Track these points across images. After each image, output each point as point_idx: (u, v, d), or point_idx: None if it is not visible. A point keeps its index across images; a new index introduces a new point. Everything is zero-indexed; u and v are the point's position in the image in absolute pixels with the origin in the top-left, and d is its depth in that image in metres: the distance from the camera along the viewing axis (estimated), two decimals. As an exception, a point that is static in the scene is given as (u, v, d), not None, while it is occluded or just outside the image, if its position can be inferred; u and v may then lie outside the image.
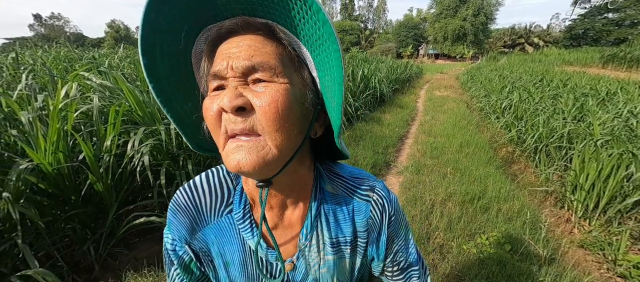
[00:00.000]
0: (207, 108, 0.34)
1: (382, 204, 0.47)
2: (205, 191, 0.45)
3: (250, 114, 0.32)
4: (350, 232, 0.47)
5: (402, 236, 0.51)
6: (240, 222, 0.44)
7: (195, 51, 0.38)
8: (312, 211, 0.44)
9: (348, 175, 0.48)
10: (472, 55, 34.27)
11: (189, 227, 0.44)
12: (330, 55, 0.33)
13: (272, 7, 0.34)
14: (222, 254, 0.45)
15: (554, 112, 4.06)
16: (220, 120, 0.33)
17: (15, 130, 1.73)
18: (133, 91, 2.17)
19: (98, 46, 31.16)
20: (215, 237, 0.45)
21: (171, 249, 0.45)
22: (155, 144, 2.03)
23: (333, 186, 0.47)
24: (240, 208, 0.44)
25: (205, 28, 0.36)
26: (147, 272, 1.56)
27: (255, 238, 0.43)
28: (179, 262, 0.45)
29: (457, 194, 2.40)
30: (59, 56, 5.27)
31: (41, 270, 1.38)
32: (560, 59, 19.77)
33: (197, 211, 0.45)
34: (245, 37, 0.34)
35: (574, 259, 1.85)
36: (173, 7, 0.32)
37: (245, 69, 0.33)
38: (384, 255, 0.50)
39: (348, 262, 0.48)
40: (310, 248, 0.45)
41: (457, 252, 1.71)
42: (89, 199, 1.84)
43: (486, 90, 7.25)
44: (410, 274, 0.51)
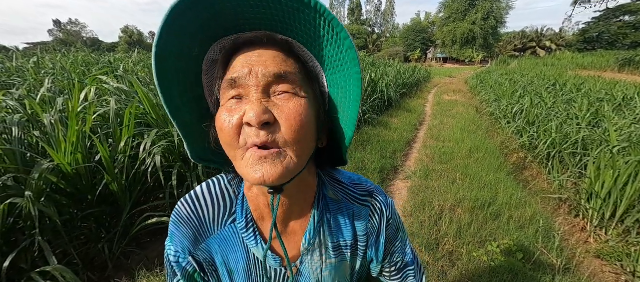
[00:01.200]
0: (223, 120, 0.34)
1: (380, 209, 0.49)
2: (208, 201, 0.45)
3: (274, 128, 0.33)
4: (351, 236, 0.48)
5: (399, 238, 0.53)
6: (244, 231, 0.44)
7: (208, 59, 0.38)
8: (315, 217, 0.45)
9: (348, 181, 0.50)
10: (481, 59, 33.77)
11: (193, 238, 0.44)
12: (350, 77, 0.34)
13: (296, 27, 0.34)
14: (226, 263, 0.46)
15: (567, 117, 3.95)
16: (239, 133, 0.33)
17: (38, 132, 1.81)
18: (147, 94, 2.24)
19: (113, 50, 32.20)
20: (219, 247, 0.45)
21: (174, 261, 0.45)
22: (168, 146, 2.09)
23: (334, 192, 0.48)
24: (243, 217, 0.44)
25: (224, 38, 0.36)
26: (159, 272, 1.59)
27: (259, 246, 0.44)
28: (182, 274, 0.45)
29: (467, 200, 2.36)
30: (77, 60, 5.49)
31: (59, 267, 1.43)
32: (574, 63, 19.26)
33: (200, 222, 0.45)
34: (267, 51, 0.35)
35: (590, 269, 1.79)
36: (196, 15, 0.31)
37: (272, 77, 0.33)
38: (383, 257, 0.52)
39: (348, 265, 0.50)
40: (313, 253, 0.46)
41: (467, 260, 1.68)
42: (104, 199, 1.90)
43: (496, 94, 7.13)
44: (407, 273, 0.54)
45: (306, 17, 0.32)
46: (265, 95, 0.33)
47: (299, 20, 0.33)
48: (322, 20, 0.31)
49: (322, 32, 0.33)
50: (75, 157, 1.69)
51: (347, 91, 0.36)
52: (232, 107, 0.34)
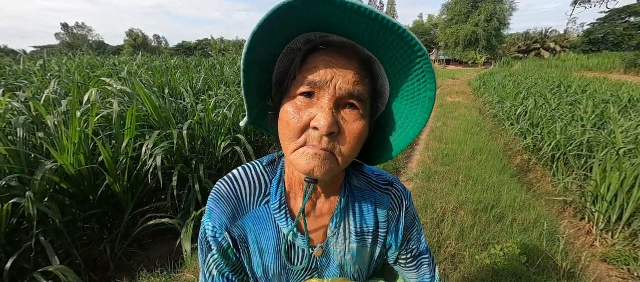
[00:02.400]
0: (291, 114, 0.37)
1: (400, 197, 0.54)
2: (245, 182, 0.49)
3: (336, 137, 0.37)
4: (373, 223, 0.52)
5: (415, 227, 0.57)
6: (277, 212, 0.48)
7: (290, 47, 0.40)
8: (342, 203, 0.49)
9: (370, 172, 0.54)
10: (484, 61, 33.58)
11: (231, 215, 0.48)
12: (417, 113, 0.39)
13: (385, 52, 0.37)
14: (258, 241, 0.49)
15: (572, 119, 3.91)
16: (302, 131, 0.36)
17: (42, 133, 1.84)
18: (150, 97, 2.26)
19: (118, 54, 32.62)
20: (253, 225, 0.48)
21: (211, 235, 0.48)
22: (169, 147, 2.10)
23: (358, 181, 0.52)
24: (277, 199, 0.48)
25: (311, 32, 0.38)
26: (159, 273, 1.59)
27: (289, 227, 0.47)
28: (217, 248, 0.48)
29: (470, 203, 2.33)
30: (82, 63, 5.56)
31: (61, 267, 1.44)
32: (579, 64, 19.06)
33: (238, 200, 0.48)
34: (349, 62, 0.37)
35: (596, 273, 1.75)
36: (296, 15, 0.33)
37: (347, 94, 0.36)
38: (401, 243, 0.55)
39: (369, 252, 0.54)
40: (338, 236, 0.50)
41: (470, 263, 1.66)
42: (106, 200, 1.91)
43: (500, 96, 7.07)
44: (421, 261, 0.57)
45: (401, 52, 0.35)
46: (335, 106, 0.36)
47: (392, 49, 0.35)
48: (416, 57, 0.34)
49: (412, 67, 0.36)
50: (77, 159, 1.70)
51: (406, 120, 0.41)
52: (301, 105, 0.37)
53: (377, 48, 0.37)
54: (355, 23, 0.33)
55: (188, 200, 2.15)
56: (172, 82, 3.63)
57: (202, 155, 2.41)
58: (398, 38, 0.33)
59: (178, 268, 1.67)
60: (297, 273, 0.51)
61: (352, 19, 0.32)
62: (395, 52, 0.35)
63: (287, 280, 0.51)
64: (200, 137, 2.43)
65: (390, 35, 0.33)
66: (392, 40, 0.34)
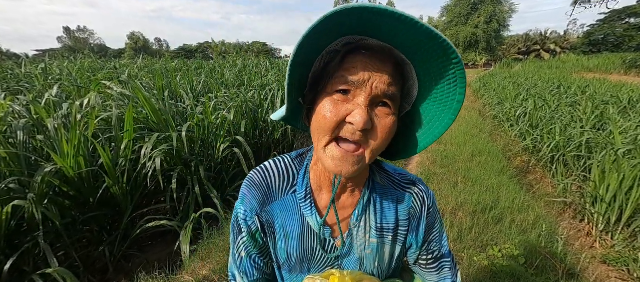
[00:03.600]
0: (328, 110, 0.40)
1: (422, 197, 0.55)
2: (275, 173, 0.53)
3: (369, 133, 0.40)
4: (393, 220, 0.53)
5: (438, 228, 0.57)
6: (302, 201, 0.51)
7: (330, 49, 0.42)
8: (365, 197, 0.51)
9: (393, 171, 0.57)
10: (484, 62, 33.63)
11: (261, 201, 0.51)
12: (442, 117, 0.42)
13: (420, 57, 0.39)
14: (284, 227, 0.52)
15: (571, 120, 3.91)
16: (338, 124, 0.39)
17: (42, 136, 1.85)
18: (149, 99, 2.27)
19: (119, 57, 32.76)
20: (280, 211, 0.52)
21: (242, 218, 0.52)
22: (169, 149, 2.11)
23: (381, 178, 0.55)
24: (303, 189, 0.51)
25: (350, 35, 0.40)
26: (158, 274, 1.60)
27: (314, 216, 0.50)
28: (247, 231, 0.52)
29: (468, 204, 2.33)
30: (84, 66, 5.60)
31: (61, 269, 1.44)
32: (579, 65, 19.05)
33: (268, 188, 0.52)
34: (385, 65, 0.40)
35: (595, 274, 1.75)
36: (341, 20, 0.35)
37: (382, 94, 0.39)
38: (422, 243, 0.55)
39: (389, 250, 0.55)
40: (358, 229, 0.52)
41: (468, 264, 1.66)
42: (105, 202, 1.92)
43: (499, 97, 7.07)
44: (443, 264, 0.57)
45: (436, 58, 0.37)
46: (370, 104, 0.39)
47: (428, 55, 0.38)
48: (451, 64, 0.37)
49: (446, 73, 0.38)
50: (77, 161, 1.71)
51: (432, 120, 0.44)
52: (338, 100, 0.40)
53: (413, 53, 0.40)
54: (395, 29, 0.36)
55: (187, 202, 2.16)
56: (172, 84, 3.65)
57: (202, 157, 2.42)
58: (437, 46, 0.35)
59: (177, 270, 1.67)
60: (318, 261, 0.53)
61: (392, 25, 0.35)
62: (431, 57, 0.38)
63: (308, 268, 0.54)
64: (199, 140, 2.44)
65: (429, 43, 0.36)
66: (430, 48, 0.36)
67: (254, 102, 3.54)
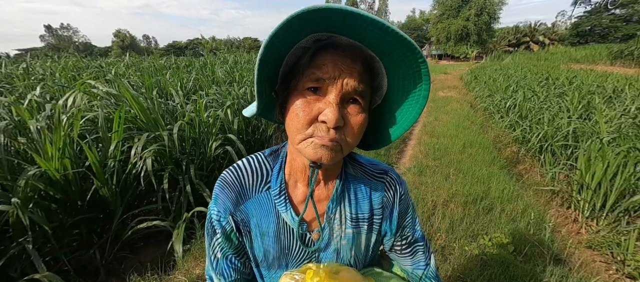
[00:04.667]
0: (301, 108, 0.41)
1: (394, 185, 0.56)
2: (248, 171, 0.53)
3: (341, 130, 0.41)
4: (368, 209, 0.54)
5: (410, 214, 0.59)
6: (277, 197, 0.51)
7: (300, 45, 0.42)
8: (338, 188, 0.52)
9: (365, 161, 0.58)
10: (476, 55, 33.97)
11: (234, 200, 0.51)
12: (412, 108, 0.43)
13: (386, 50, 0.40)
14: (259, 226, 0.52)
15: (559, 110, 4.00)
16: (310, 122, 0.40)
17: (25, 139, 1.79)
18: (137, 98, 2.22)
19: (106, 55, 31.83)
20: (255, 210, 0.52)
21: (216, 219, 0.52)
22: (159, 149, 2.07)
23: (354, 169, 0.55)
24: (277, 186, 0.51)
25: (321, 32, 0.40)
26: (150, 276, 1.58)
27: (288, 212, 0.51)
28: (222, 232, 0.52)
29: (460, 195, 2.37)
30: (67, 66, 5.42)
31: (48, 273, 1.41)
32: (567, 56, 19.44)
33: (242, 186, 0.52)
34: (354, 61, 0.41)
35: (580, 259, 1.81)
36: (310, 17, 0.34)
37: (352, 90, 0.40)
38: (395, 229, 0.57)
39: (364, 238, 0.56)
40: (333, 221, 0.53)
41: (459, 254, 1.69)
42: (94, 204, 1.88)
43: (490, 89, 7.18)
44: (416, 248, 0.59)
45: (403, 57, 0.39)
46: (341, 101, 0.40)
47: (396, 54, 0.39)
48: (417, 63, 0.38)
49: (412, 70, 0.40)
50: (62, 163, 1.67)
51: (401, 113, 0.46)
52: (310, 98, 0.40)
53: (382, 51, 0.41)
54: (364, 30, 0.37)
55: (179, 201, 2.14)
56: (161, 82, 3.57)
57: (193, 156, 2.39)
58: (405, 48, 0.37)
59: (169, 270, 1.66)
60: (296, 256, 0.53)
61: (361, 26, 0.36)
62: (398, 56, 0.39)
63: (286, 263, 0.54)
64: (190, 138, 2.40)
65: (396, 43, 0.37)
66: (398, 48, 0.38)
67: (246, 99, 3.50)
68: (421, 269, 0.58)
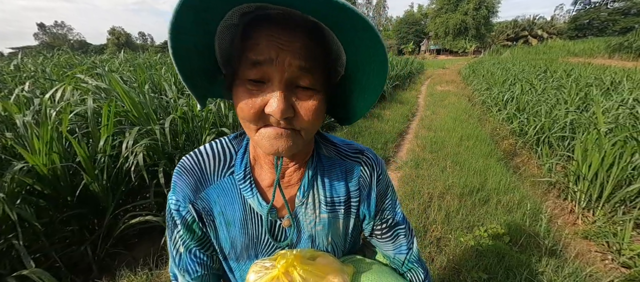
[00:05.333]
0: (245, 103, 0.35)
1: (371, 165, 0.52)
2: (209, 155, 0.48)
3: (293, 119, 0.36)
4: (343, 192, 0.50)
5: (389, 196, 0.55)
6: (242, 182, 0.47)
7: (224, 24, 0.36)
8: (310, 172, 0.48)
9: (340, 142, 0.53)
10: (474, 49, 33.89)
11: (194, 187, 0.47)
12: (374, 71, 0.37)
13: (328, 13, 0.32)
14: (223, 214, 0.47)
15: (556, 102, 3.98)
16: (257, 115, 0.35)
17: (11, 134, 1.75)
18: (128, 92, 2.18)
19: (101, 53, 31.51)
20: (217, 197, 0.47)
21: (175, 209, 0.47)
22: (151, 144, 2.04)
23: (327, 151, 0.51)
24: (242, 170, 0.47)
25: (246, 5, 0.33)
26: (141, 271, 1.56)
27: (255, 197, 0.47)
28: (182, 223, 0.47)
29: (456, 187, 2.36)
30: (60, 62, 5.35)
31: (37, 270, 1.39)
32: (565, 50, 19.43)
33: (202, 172, 0.47)
34: (295, 35, 0.34)
35: (576, 249, 1.80)
36: None
37: (297, 69, 0.34)
38: (374, 212, 0.53)
39: (342, 223, 0.52)
40: (306, 206, 0.49)
41: (455, 245, 1.68)
42: (85, 200, 1.85)
43: (488, 83, 7.16)
44: (397, 232, 0.55)
45: (344, 18, 0.31)
46: (287, 87, 0.34)
47: (336, 15, 0.31)
48: (359, 24, 0.31)
49: (359, 33, 0.33)
50: (51, 158, 1.63)
51: (368, 80, 0.39)
52: (252, 88, 0.35)
53: (321, 15, 0.33)
54: None
55: (172, 197, 2.11)
56: (154, 77, 3.52)
57: (186, 151, 2.36)
58: (343, 14, 0.30)
59: (162, 265, 1.64)
60: (266, 245, 0.49)
61: None
62: (340, 18, 0.32)
63: (256, 254, 0.49)
64: (183, 133, 2.37)
65: (334, 9, 0.30)
66: (337, 14, 0.31)
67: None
68: (403, 254, 0.55)
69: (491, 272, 1.46)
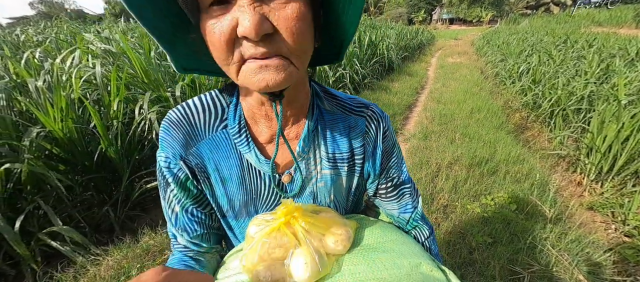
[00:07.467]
0: (213, 34, 0.29)
1: (376, 119, 0.48)
2: (198, 108, 0.44)
3: (274, 37, 0.29)
4: (347, 148, 0.47)
5: (395, 154, 0.52)
6: (237, 136, 0.43)
7: None
8: (310, 125, 0.45)
9: (343, 96, 0.49)
10: (490, 19, 31.84)
11: (183, 141, 0.43)
12: None
13: None
14: (219, 170, 0.45)
15: (575, 73, 3.80)
16: (231, 47, 0.29)
17: (25, 98, 1.77)
18: (138, 57, 2.15)
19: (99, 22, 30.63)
20: (210, 152, 0.44)
21: (165, 166, 0.44)
22: (161, 110, 2.05)
23: (329, 104, 0.48)
24: (236, 123, 0.43)
25: None
26: (161, 230, 1.65)
27: (252, 151, 0.43)
28: (174, 181, 0.44)
29: (465, 158, 2.36)
30: (63, 30, 5.24)
31: (65, 227, 1.48)
32: (589, 19, 18.09)
33: (191, 126, 0.43)
34: None
35: (580, 219, 1.83)
36: None
37: None
38: (380, 171, 0.50)
39: (345, 181, 0.49)
40: (307, 161, 0.46)
41: (461, 212, 1.72)
42: (102, 165, 1.91)
43: (503, 54, 6.81)
44: (403, 191, 0.53)
45: None
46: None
47: None
48: None
49: None
50: (67, 124, 1.66)
51: (349, 6, 0.33)
52: (218, 13, 0.28)
53: None
54: None
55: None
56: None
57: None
58: None
59: (180, 226, 1.73)
60: (265, 200, 0.47)
61: None
62: None
63: (256, 210, 0.48)
64: (192, 100, 2.37)
65: None
66: None
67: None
68: (409, 213, 0.53)
69: (496, 237, 1.51)
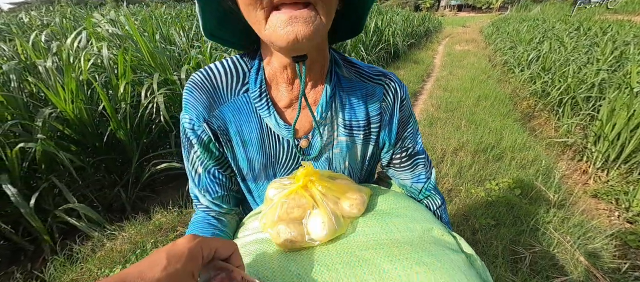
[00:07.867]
0: None
1: (394, 88, 0.49)
2: (221, 71, 0.45)
3: None
4: (363, 116, 0.48)
5: (411, 124, 0.53)
6: (257, 100, 0.44)
7: None
8: (328, 91, 0.45)
9: (361, 64, 0.50)
10: (500, 5, 30.75)
11: (207, 103, 0.44)
12: None
13: None
14: (240, 133, 0.46)
15: (587, 61, 3.70)
16: None
17: (34, 79, 1.79)
18: (145, 41, 2.15)
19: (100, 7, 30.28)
20: (232, 115, 0.45)
21: (189, 127, 0.45)
22: (168, 94, 2.06)
23: (348, 71, 0.48)
24: (257, 87, 0.44)
25: None
26: (172, 209, 1.70)
27: (272, 116, 0.45)
28: (198, 142, 0.46)
29: (470, 144, 2.35)
30: (66, 15, 5.22)
31: (79, 205, 1.54)
32: (604, 6, 17.37)
33: (214, 88, 0.44)
34: None
35: (584, 205, 1.84)
36: None
37: None
38: (395, 140, 0.51)
39: (360, 149, 0.50)
40: (324, 127, 0.47)
41: (465, 196, 1.74)
42: (112, 147, 1.95)
43: (513, 41, 6.63)
44: (417, 161, 0.54)
45: None
46: None
47: None
48: None
49: None
50: (77, 105, 1.69)
51: None
52: None
53: None
54: None
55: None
56: (163, 29, 3.42)
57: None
58: None
59: (190, 206, 1.78)
60: (284, 165, 0.49)
61: None
62: None
63: (274, 173, 0.50)
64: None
65: None
66: None
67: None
68: (422, 183, 0.54)
69: (499, 219, 1.53)
